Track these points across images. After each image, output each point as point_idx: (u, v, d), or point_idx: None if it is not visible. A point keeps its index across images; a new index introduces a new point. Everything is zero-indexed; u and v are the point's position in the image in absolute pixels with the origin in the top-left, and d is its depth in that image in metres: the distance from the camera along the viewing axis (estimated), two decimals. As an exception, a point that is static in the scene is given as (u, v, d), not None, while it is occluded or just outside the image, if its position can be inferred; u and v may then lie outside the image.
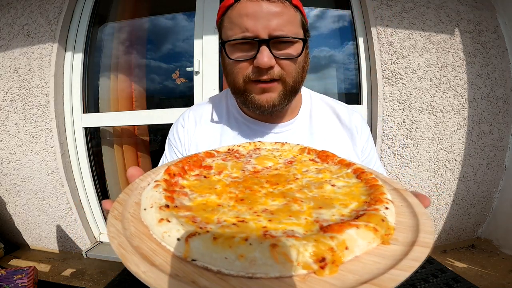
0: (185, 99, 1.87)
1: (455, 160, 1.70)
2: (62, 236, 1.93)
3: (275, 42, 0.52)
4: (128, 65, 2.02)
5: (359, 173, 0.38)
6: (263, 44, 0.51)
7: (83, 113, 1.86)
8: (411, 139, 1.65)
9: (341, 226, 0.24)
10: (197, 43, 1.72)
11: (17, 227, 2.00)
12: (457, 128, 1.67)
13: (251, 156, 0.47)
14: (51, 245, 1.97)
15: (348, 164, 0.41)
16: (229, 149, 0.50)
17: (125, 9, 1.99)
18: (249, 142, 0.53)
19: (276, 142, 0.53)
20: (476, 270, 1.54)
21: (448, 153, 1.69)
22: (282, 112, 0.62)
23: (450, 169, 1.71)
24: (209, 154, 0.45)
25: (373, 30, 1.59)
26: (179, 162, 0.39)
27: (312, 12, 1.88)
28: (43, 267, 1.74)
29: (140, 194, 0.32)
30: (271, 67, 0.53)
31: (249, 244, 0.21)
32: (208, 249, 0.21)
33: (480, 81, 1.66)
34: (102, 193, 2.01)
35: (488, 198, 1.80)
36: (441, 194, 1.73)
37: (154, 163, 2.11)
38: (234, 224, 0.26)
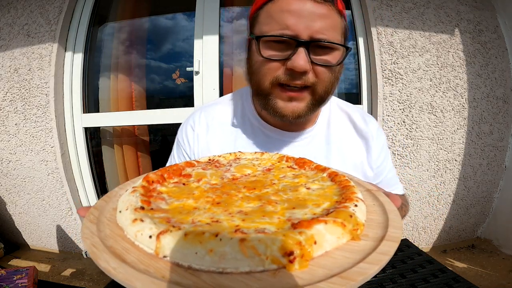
0: (185, 99, 1.87)
1: (455, 160, 1.70)
2: (62, 236, 1.93)
3: (314, 45, 0.48)
4: (128, 65, 2.02)
5: (333, 176, 0.39)
6: (301, 46, 0.47)
7: (83, 113, 1.86)
8: (411, 139, 1.65)
9: (310, 222, 0.24)
10: (197, 43, 1.72)
11: (17, 227, 2.00)
12: (457, 128, 1.67)
13: (230, 165, 0.47)
14: (51, 245, 1.97)
15: (324, 169, 0.43)
16: (209, 159, 0.50)
17: (125, 9, 2.00)
18: (230, 153, 0.52)
19: (256, 152, 0.53)
20: (476, 270, 1.54)
21: (448, 153, 1.69)
22: (303, 121, 0.58)
23: (450, 169, 1.71)
24: (190, 164, 0.45)
25: (373, 30, 1.59)
26: (158, 170, 0.40)
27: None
28: (43, 267, 1.74)
29: (117, 201, 0.33)
30: (306, 72, 0.48)
31: (219, 240, 0.21)
32: (178, 245, 0.22)
33: (480, 81, 1.66)
34: (102, 193, 2.01)
35: (488, 198, 1.80)
36: (441, 194, 1.73)
37: (154, 163, 2.11)
38: (207, 224, 0.26)
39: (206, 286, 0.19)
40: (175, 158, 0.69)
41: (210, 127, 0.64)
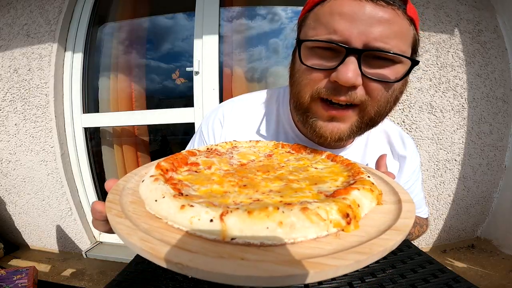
0: (184, 99, 1.87)
1: (455, 160, 1.70)
2: (62, 236, 1.93)
3: (369, 55, 0.39)
4: (128, 65, 2.02)
5: (333, 157, 0.42)
6: (352, 54, 0.39)
7: (83, 113, 1.86)
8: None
9: (346, 190, 0.27)
10: (197, 43, 1.72)
11: (17, 227, 2.00)
12: (457, 128, 1.67)
13: (231, 153, 0.46)
14: (51, 245, 1.97)
15: (320, 152, 0.45)
16: (208, 148, 0.49)
17: (124, 9, 2.00)
18: (226, 142, 0.51)
19: (250, 141, 0.53)
20: (476, 270, 1.54)
21: (448, 153, 1.69)
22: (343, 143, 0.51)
23: (449, 169, 1.71)
24: (192, 153, 0.44)
25: (373, 30, 1.59)
26: (167, 159, 0.37)
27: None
28: (43, 267, 1.74)
29: (131, 194, 0.30)
30: (354, 87, 0.40)
31: (282, 212, 0.21)
32: (246, 223, 0.21)
33: (480, 81, 1.66)
34: (102, 193, 2.01)
35: (487, 198, 1.80)
36: (441, 194, 1.73)
37: (154, 163, 2.11)
38: (251, 203, 0.26)
39: (288, 257, 0.19)
40: (195, 146, 0.65)
41: (240, 126, 0.58)
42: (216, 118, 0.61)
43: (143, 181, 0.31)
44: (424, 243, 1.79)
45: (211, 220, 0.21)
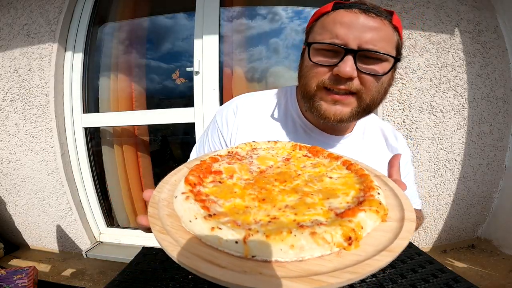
0: (185, 99, 1.87)
1: (455, 160, 1.70)
2: (62, 236, 1.93)
3: (362, 55, 0.51)
4: (128, 65, 2.02)
5: (348, 165, 0.45)
6: (349, 54, 0.50)
7: (83, 113, 1.87)
8: (411, 139, 1.65)
9: (354, 211, 0.30)
10: (197, 43, 1.72)
11: (17, 227, 2.00)
12: (457, 128, 1.67)
13: (251, 157, 0.51)
14: (51, 245, 1.97)
15: (336, 157, 0.48)
16: (228, 152, 0.53)
17: (125, 9, 2.00)
18: (245, 143, 0.54)
19: (269, 141, 0.56)
20: (476, 270, 1.54)
21: (448, 153, 1.69)
22: (345, 125, 0.61)
23: (450, 169, 1.71)
24: (214, 159, 0.48)
25: (373, 30, 1.59)
26: (193, 171, 0.42)
27: (312, 12, 1.88)
28: (43, 267, 1.74)
29: (166, 206, 0.36)
30: (351, 79, 0.51)
31: (294, 236, 0.26)
32: (264, 245, 0.26)
33: (480, 81, 1.66)
34: (102, 193, 2.01)
35: (488, 198, 1.80)
36: (441, 194, 1.73)
37: (154, 163, 2.11)
38: (269, 222, 0.31)
39: (296, 273, 0.25)
40: (209, 138, 0.71)
41: (252, 115, 0.66)
42: (230, 109, 0.68)
43: (176, 197, 0.36)
44: (424, 243, 1.79)
45: (236, 242, 0.27)
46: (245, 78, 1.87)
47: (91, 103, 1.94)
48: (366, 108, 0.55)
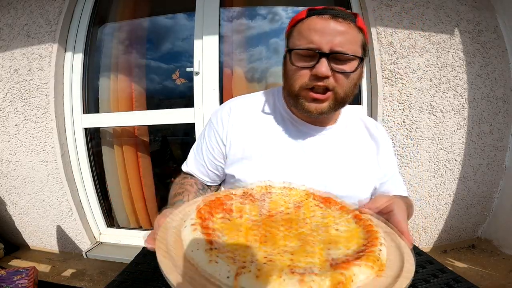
0: (185, 99, 1.87)
1: (455, 160, 1.70)
2: (62, 237, 1.93)
3: (334, 56, 0.58)
4: (128, 66, 2.02)
5: (357, 220, 0.45)
6: (323, 57, 0.58)
7: (83, 113, 1.87)
8: (411, 139, 1.65)
9: (348, 264, 0.32)
10: (197, 43, 1.72)
11: (17, 227, 2.00)
12: (457, 128, 1.67)
13: (264, 199, 0.54)
14: (51, 245, 1.97)
15: (348, 211, 0.49)
16: (244, 192, 0.56)
17: (125, 9, 2.00)
18: (261, 186, 0.59)
19: (284, 187, 0.59)
20: (477, 270, 1.54)
21: (448, 153, 1.69)
22: (327, 118, 0.70)
23: (450, 169, 1.71)
24: (228, 197, 0.51)
25: (373, 30, 1.59)
26: (206, 205, 0.45)
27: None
28: (43, 268, 1.74)
29: (175, 234, 0.38)
30: (327, 77, 0.59)
31: (283, 280, 0.28)
32: (252, 284, 0.28)
33: (480, 81, 1.66)
34: (102, 193, 2.01)
35: (488, 198, 1.80)
36: (441, 194, 1.73)
37: (154, 163, 2.11)
38: (265, 263, 0.33)
39: None
40: (206, 139, 0.76)
41: (245, 113, 0.74)
42: (224, 110, 0.75)
43: (185, 226, 0.38)
44: (424, 243, 1.79)
45: (228, 277, 0.29)
46: (245, 78, 1.87)
47: (91, 104, 1.94)
48: (341, 101, 0.64)
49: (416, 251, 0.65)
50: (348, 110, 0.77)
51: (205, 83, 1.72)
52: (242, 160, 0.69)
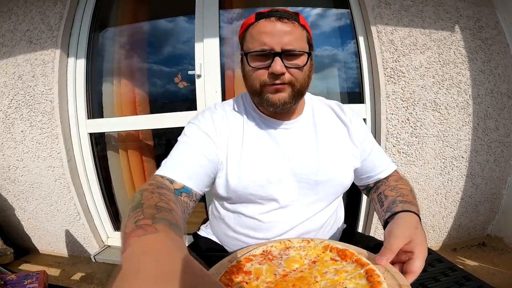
0: (187, 102, 1.88)
1: (462, 157, 1.68)
2: (70, 241, 1.95)
3: (286, 54, 0.65)
4: (130, 70, 2.04)
5: (369, 276, 0.46)
6: (276, 56, 0.64)
7: (88, 118, 1.88)
8: (416, 137, 1.64)
9: None
10: (198, 46, 1.73)
11: (26, 232, 2.03)
12: (462, 125, 1.66)
13: (281, 257, 0.55)
14: (60, 249, 1.99)
15: (363, 264, 0.49)
16: (263, 251, 0.58)
17: (125, 13, 2.01)
18: (280, 241, 0.60)
19: (303, 240, 0.60)
20: (488, 268, 1.52)
21: (454, 150, 1.67)
22: (291, 110, 0.75)
23: (457, 166, 1.69)
24: (248, 259, 0.54)
25: (373, 29, 1.59)
26: (227, 272, 0.49)
27: (312, 12, 1.88)
28: (53, 271, 1.76)
29: None
30: (283, 74, 0.65)
31: None
32: None
33: (483, 77, 1.65)
34: (109, 197, 2.03)
35: (496, 195, 1.77)
36: (449, 192, 1.71)
37: (159, 167, 2.11)
38: None
39: None
40: (193, 138, 0.71)
41: (226, 116, 0.78)
42: (206, 113, 0.77)
43: None
44: (433, 241, 1.78)
45: None
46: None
47: (95, 109, 1.96)
48: (299, 92, 0.69)
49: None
50: (311, 99, 0.82)
51: (207, 85, 1.73)
52: (227, 164, 0.70)
